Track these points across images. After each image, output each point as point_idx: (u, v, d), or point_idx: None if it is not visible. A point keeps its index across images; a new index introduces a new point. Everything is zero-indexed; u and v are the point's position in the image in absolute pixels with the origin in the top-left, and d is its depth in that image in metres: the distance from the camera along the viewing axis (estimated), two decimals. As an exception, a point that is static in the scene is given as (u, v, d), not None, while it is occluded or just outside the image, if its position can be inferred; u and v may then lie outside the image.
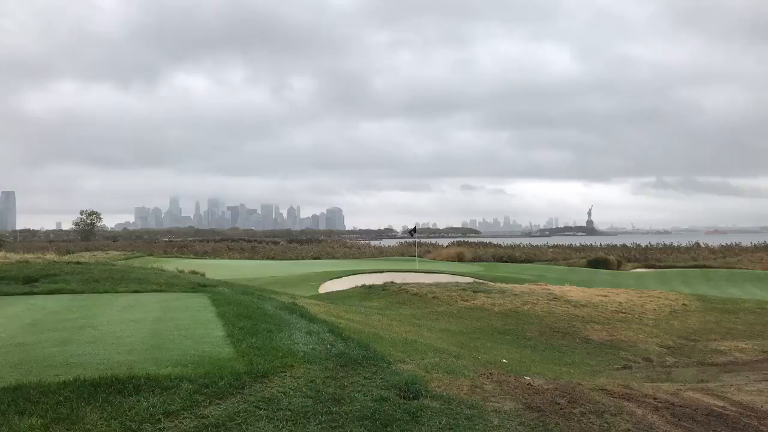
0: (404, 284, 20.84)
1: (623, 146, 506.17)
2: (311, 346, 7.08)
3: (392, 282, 21.61)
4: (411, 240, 69.43)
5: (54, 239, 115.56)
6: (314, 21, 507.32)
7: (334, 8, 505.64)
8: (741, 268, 43.01)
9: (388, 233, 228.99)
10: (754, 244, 63.58)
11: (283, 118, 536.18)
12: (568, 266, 45.72)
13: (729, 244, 66.57)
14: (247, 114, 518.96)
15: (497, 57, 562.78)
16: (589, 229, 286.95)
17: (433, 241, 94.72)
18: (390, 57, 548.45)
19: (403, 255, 57.45)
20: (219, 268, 33.02)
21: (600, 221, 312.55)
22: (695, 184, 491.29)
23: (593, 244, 78.00)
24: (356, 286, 22.13)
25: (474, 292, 19.25)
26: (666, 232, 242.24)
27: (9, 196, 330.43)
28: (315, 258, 57.87)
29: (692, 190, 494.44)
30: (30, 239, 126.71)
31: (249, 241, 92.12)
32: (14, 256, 21.48)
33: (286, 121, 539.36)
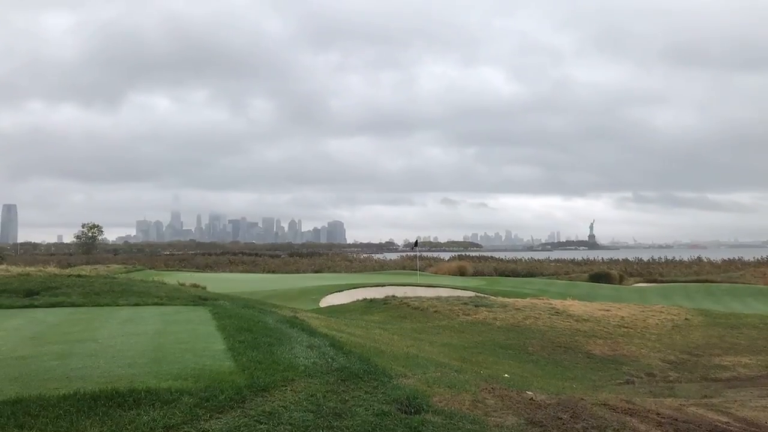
0: (405, 298, 20.81)
1: (586, 162, 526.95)
2: (312, 360, 7.05)
3: (393, 296, 21.58)
4: (412, 253, 69.42)
5: (55, 252, 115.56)
6: (255, 45, 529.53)
7: (270, 34, 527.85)
8: (744, 283, 42.92)
9: (389, 247, 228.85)
10: (757, 259, 63.42)
11: (249, 136, 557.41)
12: (570, 280, 45.65)
13: (731, 258, 66.46)
14: (212, 131, 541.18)
15: (438, 80, 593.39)
16: (591, 244, 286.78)
17: (435, 254, 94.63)
18: (338, 79, 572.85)
19: (404, 268, 57.38)
20: (220, 282, 32.99)
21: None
22: (673, 199, 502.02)
23: (595, 258, 77.99)
24: (357, 300, 22.09)
25: (476, 306, 19.21)
26: (668, 247, 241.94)
27: (10, 209, 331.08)
28: (316, 271, 57.84)
29: (671, 204, 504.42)
30: (31, 252, 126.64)
31: (250, 255, 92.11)
32: (15, 269, 21.43)
33: (254, 139, 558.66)
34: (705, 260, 67.76)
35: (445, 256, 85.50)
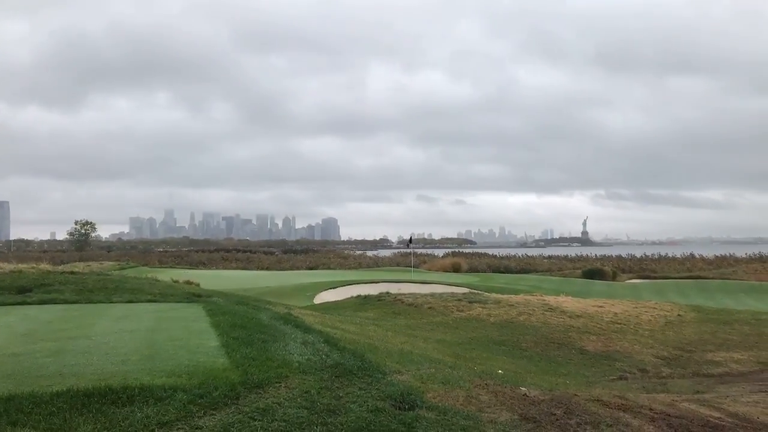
0: (399, 294, 20.82)
1: (551, 161, 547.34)
2: (306, 357, 7.05)
3: (387, 292, 21.58)
4: (406, 250, 69.46)
5: (48, 249, 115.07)
6: (204, 50, 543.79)
7: (217, 40, 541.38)
8: (736, 279, 43.15)
9: (383, 244, 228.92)
10: (749, 255, 63.75)
11: (214, 136, 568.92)
12: (564, 277, 45.77)
13: (723, 254, 66.75)
14: (176, 132, 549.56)
15: (385, 83, 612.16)
16: (584, 240, 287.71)
17: (429, 251, 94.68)
18: (290, 82, 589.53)
19: (398, 265, 57.41)
20: (214, 279, 32.93)
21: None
22: (647, 196, 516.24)
23: (588, 254, 78.17)
24: (351, 297, 22.10)
25: (469, 302, 19.24)
26: (660, 243, 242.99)
27: (3, 205, 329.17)
28: (310, 268, 57.78)
29: (644, 201, 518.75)
30: (24, 249, 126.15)
31: (244, 252, 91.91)
32: (8, 266, 21.38)
33: (220, 139, 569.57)
34: (697, 257, 68.08)
35: (439, 252, 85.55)
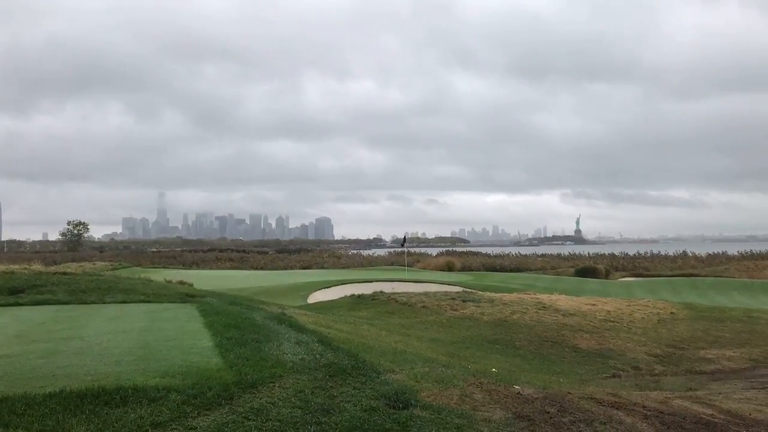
0: (393, 294, 20.83)
1: (508, 162, 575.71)
2: (300, 356, 7.05)
3: (381, 291, 21.59)
4: (400, 249, 69.45)
5: (40, 250, 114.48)
6: (133, 58, 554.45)
7: (151, 51, 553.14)
8: (728, 277, 43.34)
9: (377, 243, 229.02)
10: (741, 253, 64.08)
11: (172, 140, 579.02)
12: (557, 275, 45.87)
13: (716, 252, 67.10)
14: (136, 137, 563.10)
15: (321, 91, 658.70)
16: (578, 239, 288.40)
17: (423, 250, 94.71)
18: (234, 89, 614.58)
19: (392, 264, 57.42)
20: (207, 279, 32.85)
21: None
22: (613, 195, 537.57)
23: (581, 253, 78.39)
24: (345, 296, 22.09)
25: (463, 301, 19.27)
26: (654, 241, 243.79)
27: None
28: (304, 268, 57.72)
29: (613, 200, 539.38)
30: (16, 250, 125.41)
31: (237, 251, 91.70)
32: (0, 267, 21.24)
33: (177, 142, 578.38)
34: (690, 254, 68.39)
35: (433, 251, 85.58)
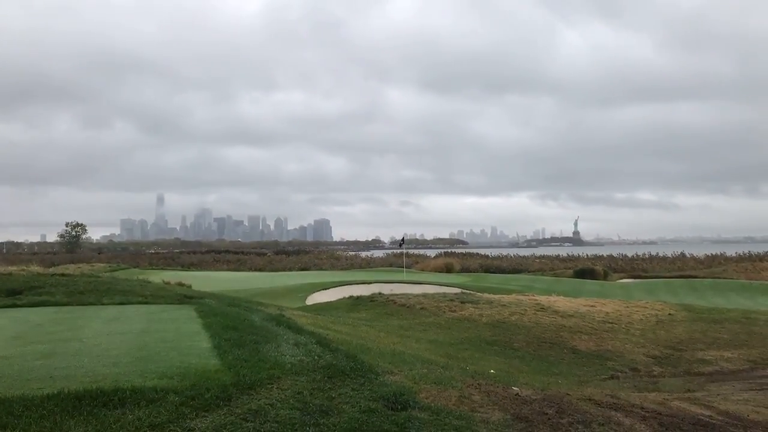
0: (392, 295, 20.82)
1: (463, 167, 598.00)
2: (298, 358, 7.04)
3: (380, 293, 21.58)
4: (399, 251, 69.45)
5: (38, 251, 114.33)
6: (73, 72, 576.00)
7: (77, 59, 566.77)
8: (726, 278, 43.37)
9: (375, 244, 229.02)
10: (739, 254, 64.15)
11: (126, 147, 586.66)
12: (555, 277, 45.89)
13: (714, 254, 67.15)
14: (100, 145, 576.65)
15: (260, 101, 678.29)
16: (576, 240, 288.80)
17: (421, 252, 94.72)
18: (178, 96, 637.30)
19: (391, 266, 57.39)
20: (205, 280, 32.82)
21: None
22: (582, 198, 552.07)
23: (580, 254, 78.41)
24: (344, 298, 22.08)
25: (462, 302, 19.27)
26: (652, 243, 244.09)
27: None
28: (302, 269, 57.68)
29: (580, 203, 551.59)
30: (14, 251, 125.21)
31: (236, 253, 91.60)
32: (-2, 269, 21.23)
33: (134, 148, 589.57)
34: (688, 256, 68.44)
35: (432, 253, 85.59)
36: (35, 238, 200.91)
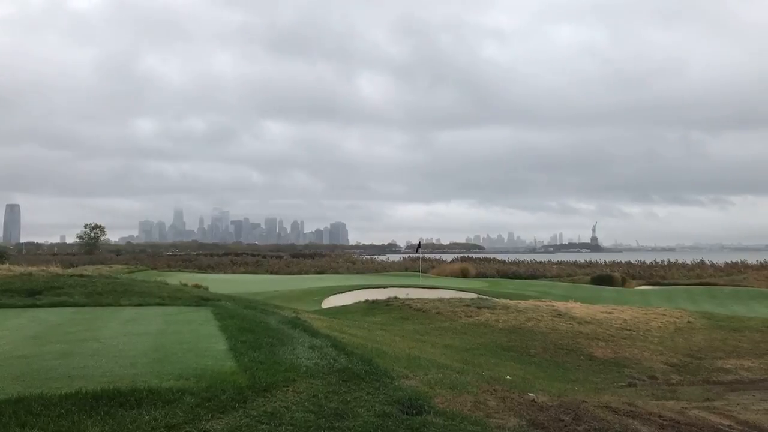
0: (407, 299, 20.78)
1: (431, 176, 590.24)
2: (314, 361, 7.05)
3: (395, 297, 21.55)
4: (415, 255, 69.38)
5: (58, 252, 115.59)
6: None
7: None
8: (746, 286, 42.74)
9: (391, 248, 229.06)
10: (760, 262, 63.24)
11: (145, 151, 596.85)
12: (573, 283, 45.55)
13: (734, 261, 66.27)
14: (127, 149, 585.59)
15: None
16: (594, 246, 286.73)
17: (437, 256, 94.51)
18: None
19: (406, 270, 57.29)
20: (222, 282, 33.01)
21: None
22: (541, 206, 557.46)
23: (598, 260, 77.78)
24: (359, 301, 22.07)
25: (478, 308, 19.17)
26: (670, 249, 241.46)
27: (14, 209, 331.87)
28: (319, 273, 57.78)
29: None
30: (34, 252, 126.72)
31: (253, 255, 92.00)
32: (18, 269, 21.46)
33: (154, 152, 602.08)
34: (708, 263, 67.60)
35: (448, 257, 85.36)
36: (55, 240, 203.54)
